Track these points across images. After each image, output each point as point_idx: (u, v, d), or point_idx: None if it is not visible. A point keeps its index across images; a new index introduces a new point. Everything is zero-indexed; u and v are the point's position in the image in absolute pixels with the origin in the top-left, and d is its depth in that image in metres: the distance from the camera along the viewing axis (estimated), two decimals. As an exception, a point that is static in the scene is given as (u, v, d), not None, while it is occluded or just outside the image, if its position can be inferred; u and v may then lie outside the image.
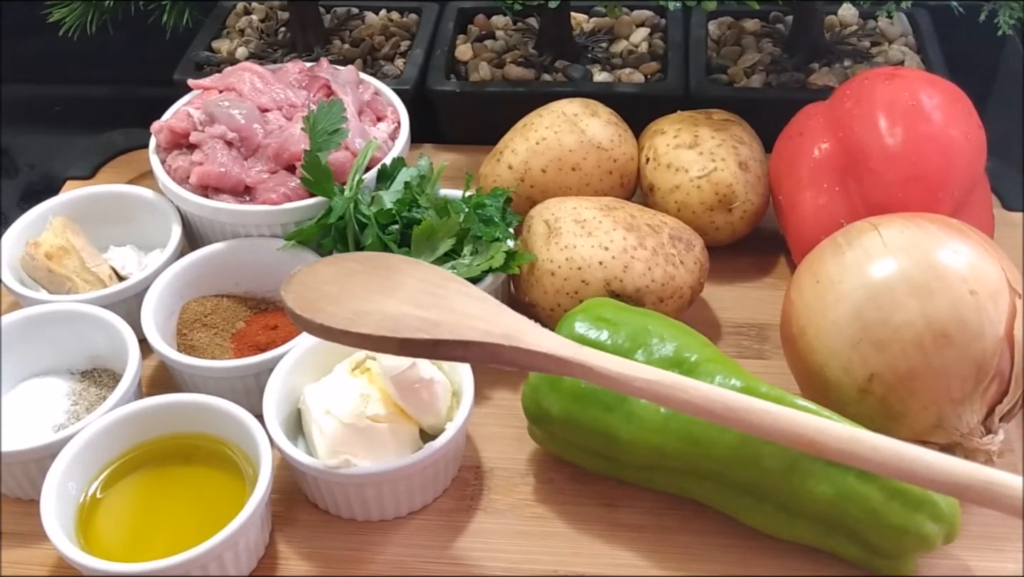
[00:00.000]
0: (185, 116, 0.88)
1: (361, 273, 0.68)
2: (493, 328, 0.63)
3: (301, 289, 0.65)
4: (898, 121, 0.79)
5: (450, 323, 0.63)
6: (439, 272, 0.69)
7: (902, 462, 0.59)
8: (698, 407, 0.61)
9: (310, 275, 0.67)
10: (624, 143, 0.90)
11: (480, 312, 0.64)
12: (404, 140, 0.91)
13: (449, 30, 1.09)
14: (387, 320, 0.63)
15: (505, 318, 0.64)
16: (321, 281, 0.67)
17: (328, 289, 0.66)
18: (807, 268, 0.73)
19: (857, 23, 1.09)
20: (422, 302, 0.65)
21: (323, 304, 0.64)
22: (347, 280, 0.67)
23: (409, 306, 0.64)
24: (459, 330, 0.62)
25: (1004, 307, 0.67)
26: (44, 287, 0.86)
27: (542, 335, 0.64)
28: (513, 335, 0.63)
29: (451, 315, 0.64)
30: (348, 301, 0.64)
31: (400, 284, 0.66)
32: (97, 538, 0.69)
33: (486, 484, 0.76)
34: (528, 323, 0.64)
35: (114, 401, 0.74)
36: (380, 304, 0.64)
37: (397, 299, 0.65)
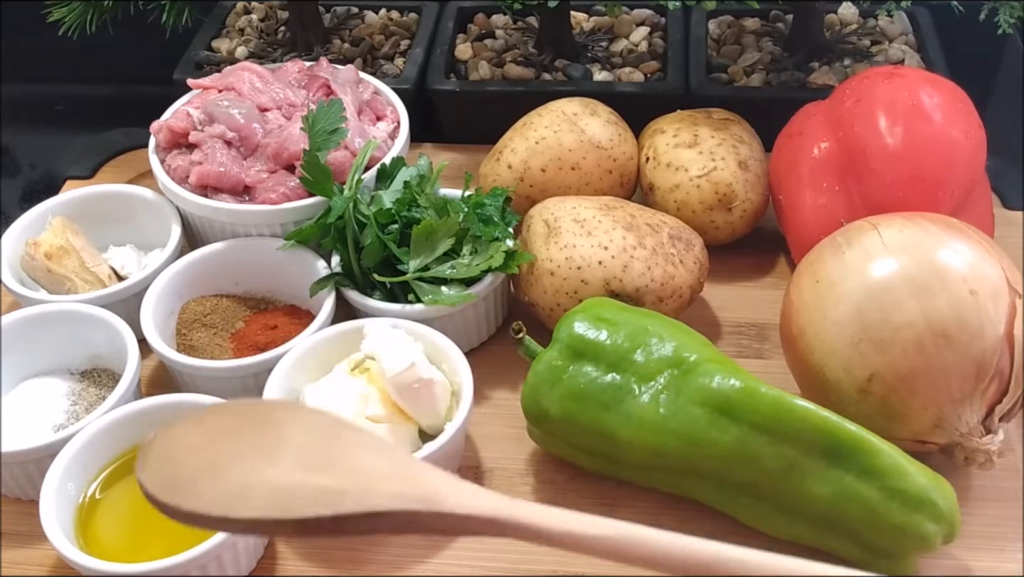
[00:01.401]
0: (184, 116, 0.88)
1: (233, 431, 0.56)
2: (408, 489, 0.52)
3: (161, 465, 0.54)
4: (898, 120, 0.79)
5: (355, 489, 0.52)
6: (327, 417, 0.58)
7: None
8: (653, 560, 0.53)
9: (171, 443, 0.55)
10: (624, 142, 0.90)
11: (388, 469, 0.54)
12: (404, 139, 0.91)
13: (449, 29, 1.09)
14: (277, 495, 0.52)
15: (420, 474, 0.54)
16: (185, 449, 0.55)
17: (195, 460, 0.54)
18: (807, 268, 0.73)
19: (857, 22, 1.09)
20: (315, 462, 0.54)
21: (192, 482, 0.53)
22: (217, 444, 0.55)
23: (301, 471, 0.53)
24: (367, 497, 0.52)
25: (1004, 307, 0.67)
26: (44, 287, 0.86)
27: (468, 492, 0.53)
28: (432, 497, 0.52)
29: (354, 477, 0.53)
30: (223, 474, 0.53)
31: (284, 439, 0.55)
32: (96, 538, 0.69)
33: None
34: (449, 478, 0.54)
35: (113, 401, 0.74)
36: (264, 472, 0.53)
37: (285, 463, 0.54)
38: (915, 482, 0.65)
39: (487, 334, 0.85)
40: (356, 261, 0.81)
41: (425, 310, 0.79)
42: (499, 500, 0.54)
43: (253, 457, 0.54)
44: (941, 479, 0.66)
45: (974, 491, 0.73)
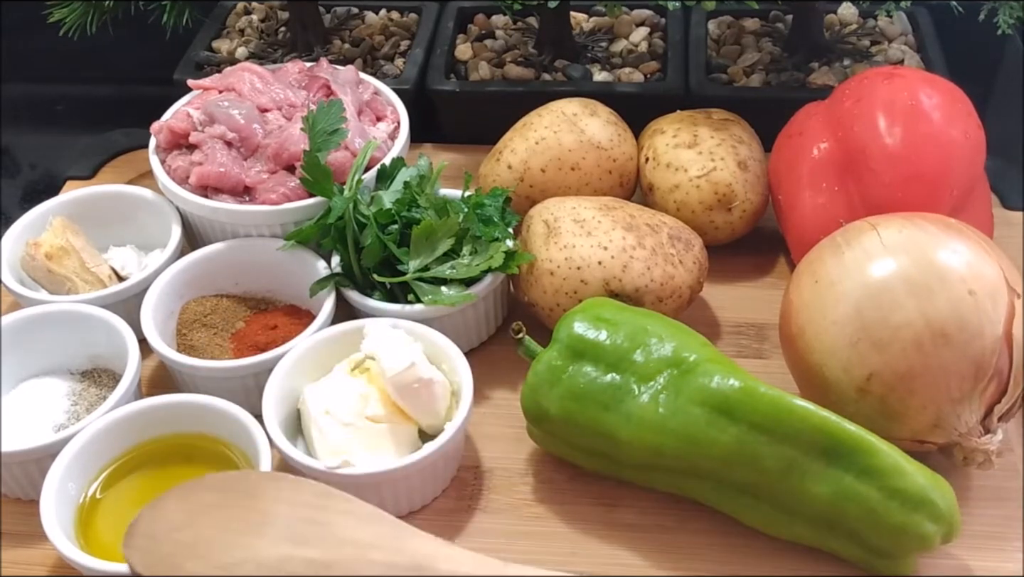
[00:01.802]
0: (185, 116, 0.89)
1: (217, 507, 0.56)
2: (397, 558, 0.53)
3: (146, 543, 0.54)
4: (897, 120, 0.79)
5: (343, 560, 0.52)
6: (310, 487, 0.57)
7: None
8: None
9: (155, 522, 0.55)
10: (623, 143, 0.90)
11: (376, 537, 0.54)
12: (403, 140, 0.91)
13: (449, 30, 1.09)
14: (264, 569, 0.52)
15: (409, 541, 0.54)
16: (169, 528, 0.55)
17: (180, 538, 0.54)
18: (806, 268, 0.73)
19: (857, 22, 1.09)
20: (302, 534, 0.54)
21: (178, 560, 0.53)
22: (202, 520, 0.55)
23: (288, 544, 0.53)
24: (356, 568, 0.52)
25: (1002, 307, 0.67)
26: (44, 287, 0.86)
27: (457, 558, 0.54)
28: (423, 564, 0.53)
29: (341, 548, 0.53)
30: (209, 550, 0.53)
31: (269, 513, 0.55)
32: (97, 538, 0.69)
33: (485, 484, 0.76)
34: (437, 542, 0.54)
35: (114, 401, 0.74)
36: (250, 547, 0.53)
37: (270, 536, 0.54)
38: (914, 482, 0.65)
39: (487, 334, 0.85)
40: (356, 261, 0.81)
41: (425, 310, 0.79)
42: (492, 564, 0.54)
43: (238, 532, 0.54)
44: (940, 479, 0.66)
45: (973, 491, 0.73)
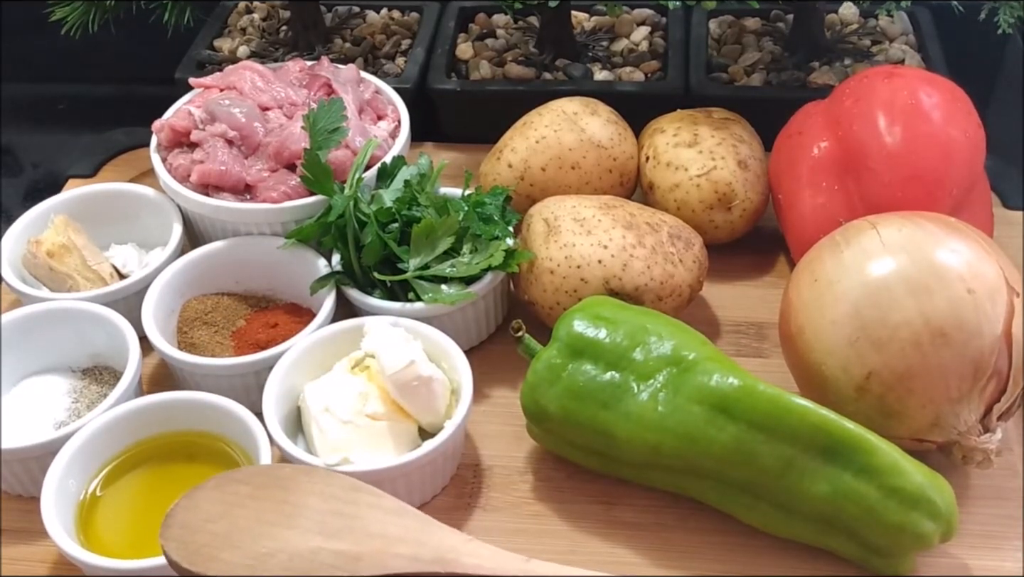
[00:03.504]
0: (186, 115, 0.89)
1: (251, 499, 0.59)
2: (421, 551, 0.55)
3: (183, 533, 0.56)
4: (897, 120, 0.79)
5: (370, 553, 0.55)
6: (340, 480, 0.60)
7: None
8: None
9: (191, 512, 0.58)
10: (624, 141, 0.90)
11: (402, 531, 0.56)
12: (404, 139, 0.92)
13: (450, 29, 1.10)
14: (295, 560, 0.55)
15: (433, 534, 0.56)
16: (205, 519, 0.58)
17: (215, 529, 0.57)
18: (805, 267, 0.73)
19: (858, 22, 1.09)
20: (332, 527, 0.56)
21: (213, 550, 0.55)
22: (236, 512, 0.58)
23: (319, 536, 0.56)
24: (382, 560, 0.55)
25: (1002, 306, 0.67)
26: (45, 285, 0.86)
27: (481, 551, 0.56)
28: (446, 557, 0.55)
29: (370, 541, 0.55)
30: (243, 541, 0.56)
31: (301, 506, 0.58)
32: (97, 535, 0.70)
33: (485, 482, 0.76)
34: (461, 537, 0.57)
35: (114, 399, 0.74)
36: (283, 539, 0.56)
37: (301, 528, 0.56)
38: (913, 480, 0.65)
39: (487, 332, 0.85)
40: (356, 260, 0.81)
41: (425, 308, 0.79)
42: (513, 559, 0.56)
43: (271, 523, 0.56)
44: (939, 477, 0.66)
45: (972, 490, 0.73)
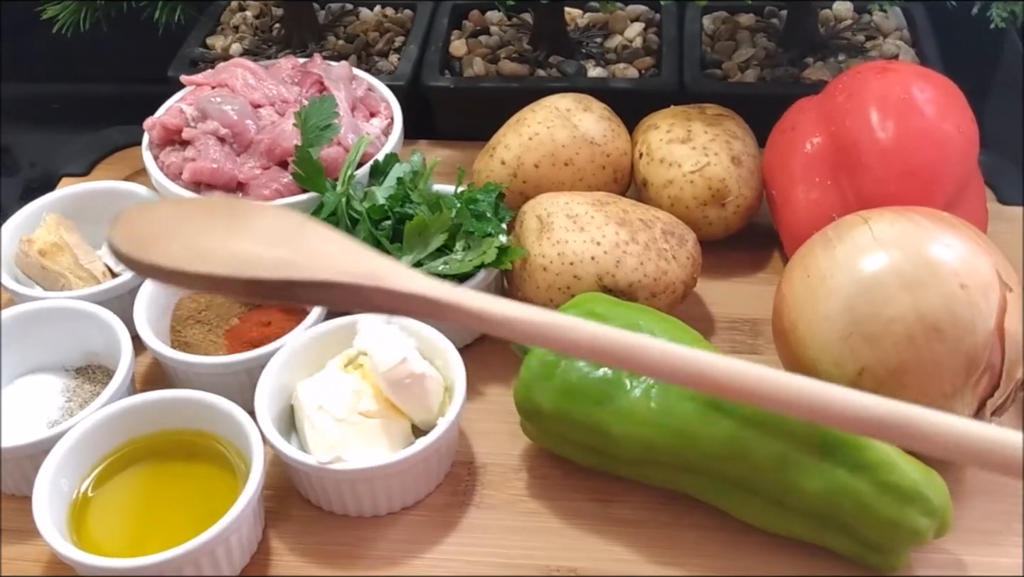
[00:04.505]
0: (178, 112, 0.89)
1: (206, 213, 0.60)
2: (356, 268, 0.56)
3: (130, 227, 0.57)
4: (890, 115, 0.79)
5: (308, 263, 0.56)
6: (297, 214, 0.61)
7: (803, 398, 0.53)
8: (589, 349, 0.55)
9: (143, 213, 0.59)
10: (617, 138, 0.90)
11: (343, 253, 0.57)
12: (397, 136, 0.91)
13: (443, 26, 1.09)
14: (233, 258, 0.55)
15: (372, 259, 0.57)
16: (156, 220, 0.59)
17: (165, 228, 0.58)
18: (798, 263, 0.73)
19: (852, 17, 1.09)
20: (277, 242, 0.57)
21: (156, 243, 0.56)
22: (188, 220, 0.59)
23: (261, 245, 0.57)
24: (318, 270, 0.55)
25: (995, 301, 0.67)
26: (38, 284, 0.86)
27: (411, 276, 0.57)
28: (379, 275, 0.56)
29: (310, 255, 0.57)
30: (188, 239, 0.57)
31: (252, 223, 0.59)
32: (90, 534, 0.69)
33: (479, 480, 0.76)
34: (397, 265, 0.58)
35: (107, 397, 0.74)
36: (226, 242, 0.57)
37: (247, 237, 0.57)
38: (907, 476, 0.65)
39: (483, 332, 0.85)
40: (349, 257, 0.81)
41: (418, 306, 0.79)
42: (439, 284, 0.56)
43: (218, 231, 0.58)
44: (933, 473, 0.66)
45: (966, 485, 0.73)
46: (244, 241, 0.57)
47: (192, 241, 0.57)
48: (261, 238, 0.58)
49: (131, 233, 0.57)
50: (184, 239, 0.57)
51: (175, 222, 0.59)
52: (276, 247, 0.57)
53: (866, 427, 0.53)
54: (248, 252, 0.56)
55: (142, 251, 0.55)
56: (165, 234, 0.57)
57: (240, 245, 0.57)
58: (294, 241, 0.58)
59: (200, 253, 0.56)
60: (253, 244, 0.57)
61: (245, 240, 0.57)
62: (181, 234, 0.57)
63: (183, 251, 0.56)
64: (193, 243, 0.57)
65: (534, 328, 0.55)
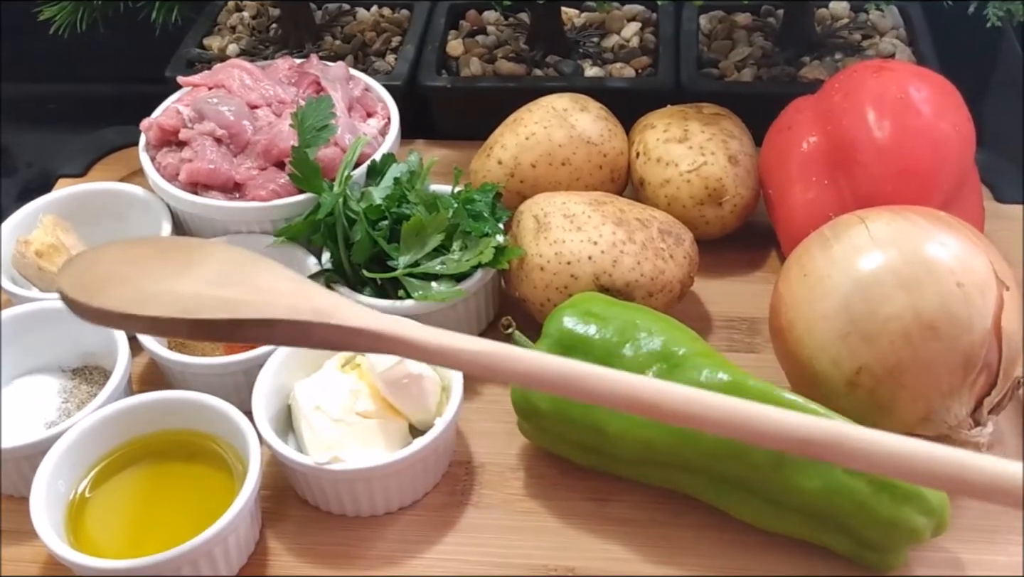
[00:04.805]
0: (174, 113, 0.89)
1: (155, 256, 0.61)
2: (301, 304, 0.57)
3: (78, 272, 0.58)
4: (886, 114, 0.79)
5: (253, 302, 0.57)
6: (247, 254, 0.62)
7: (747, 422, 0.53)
8: (528, 377, 0.55)
9: (93, 257, 0.61)
10: (614, 137, 0.90)
11: (290, 290, 0.58)
12: (394, 136, 0.91)
13: (440, 26, 1.09)
14: (179, 301, 0.56)
15: (317, 295, 0.58)
16: (105, 263, 0.60)
17: (113, 271, 0.59)
18: (795, 262, 0.73)
19: (848, 16, 1.09)
20: (223, 282, 0.58)
21: (104, 286, 0.57)
22: (137, 262, 0.61)
23: (206, 286, 0.58)
24: (263, 309, 0.56)
25: (992, 299, 0.67)
26: (35, 285, 0.86)
27: (356, 311, 0.57)
28: (324, 311, 0.57)
29: (255, 294, 0.58)
30: (135, 282, 0.58)
31: (199, 264, 0.60)
32: (87, 535, 0.69)
33: (476, 479, 0.76)
34: (343, 300, 0.59)
35: (103, 398, 0.74)
36: (173, 284, 0.58)
37: (193, 278, 0.58)
38: (904, 475, 0.65)
39: (477, 330, 0.85)
40: (346, 257, 0.81)
41: (415, 306, 0.79)
42: (386, 318, 0.57)
43: (164, 273, 0.59)
44: (930, 472, 0.66)
45: (964, 484, 0.73)
46: (191, 283, 0.58)
47: (139, 284, 0.58)
48: (208, 279, 0.58)
49: (79, 277, 0.57)
50: (132, 282, 0.58)
51: (123, 265, 0.60)
52: (222, 287, 0.58)
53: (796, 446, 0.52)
54: (195, 293, 0.57)
55: (89, 296, 0.56)
56: (114, 277, 0.58)
57: (187, 287, 0.58)
58: (242, 280, 0.59)
59: (147, 296, 0.57)
60: (199, 285, 0.58)
61: (193, 281, 0.58)
62: (129, 277, 0.58)
63: (130, 295, 0.57)
64: (140, 286, 0.58)
65: (473, 357, 0.56)
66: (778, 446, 0.53)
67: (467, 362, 0.56)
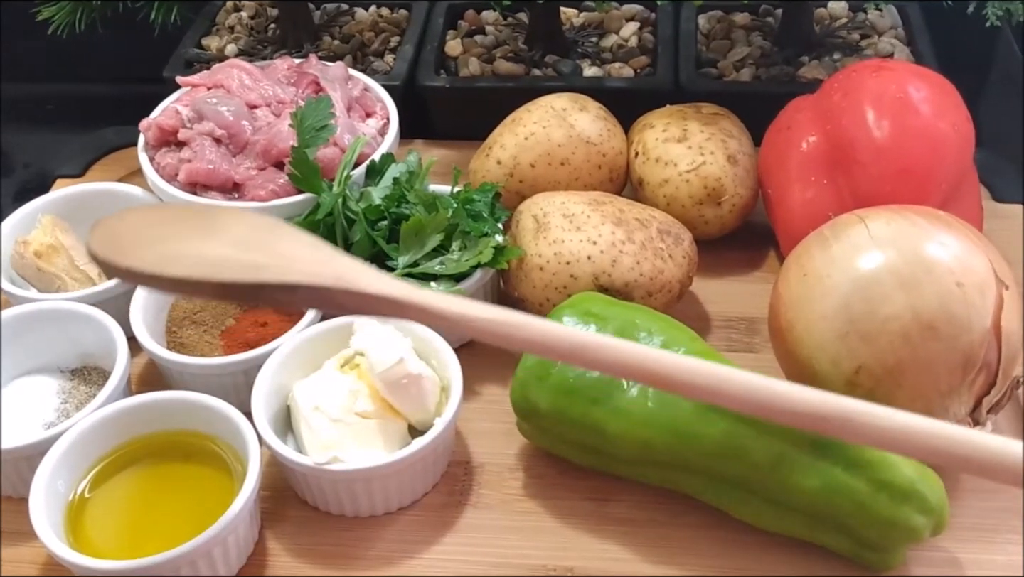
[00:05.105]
0: (173, 113, 0.88)
1: (181, 220, 0.63)
2: (323, 270, 0.58)
3: (108, 233, 0.59)
4: (885, 114, 0.79)
5: (276, 266, 0.58)
6: (270, 219, 0.64)
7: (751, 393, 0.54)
8: (541, 345, 0.57)
9: (121, 220, 0.62)
10: (613, 137, 0.90)
11: (313, 256, 0.60)
12: (393, 136, 0.91)
13: (439, 26, 1.09)
14: (204, 263, 0.57)
15: (338, 261, 0.59)
16: (133, 226, 0.61)
17: (141, 233, 0.60)
18: (794, 261, 0.73)
19: (847, 16, 1.09)
20: (248, 246, 0.60)
21: (133, 248, 0.58)
22: (164, 225, 0.62)
23: (231, 249, 0.59)
24: (285, 273, 0.57)
25: (991, 299, 0.67)
26: (34, 285, 0.86)
27: (376, 277, 0.58)
28: (344, 276, 0.58)
29: (278, 259, 0.59)
30: (163, 244, 0.59)
31: (224, 228, 0.61)
32: (86, 536, 0.69)
33: (475, 479, 0.76)
34: (363, 266, 0.59)
35: (102, 399, 0.74)
36: (199, 247, 0.59)
37: (219, 242, 0.60)
38: (903, 474, 0.65)
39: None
40: (345, 257, 0.81)
41: (415, 306, 0.79)
42: (403, 285, 0.58)
43: (190, 235, 0.60)
44: (929, 471, 0.66)
45: (963, 483, 0.73)
46: (217, 245, 0.59)
47: (167, 246, 0.59)
48: (233, 242, 0.60)
49: (108, 238, 0.59)
50: (159, 244, 0.59)
51: (151, 228, 0.61)
52: (247, 251, 0.59)
53: (811, 422, 0.54)
54: (220, 256, 0.58)
55: (119, 255, 0.57)
56: (141, 239, 0.59)
57: (213, 249, 0.59)
58: (265, 245, 0.60)
59: (174, 257, 0.58)
60: (225, 248, 0.59)
61: (218, 244, 0.59)
62: (156, 239, 0.60)
63: (158, 255, 0.58)
64: (168, 248, 0.59)
65: (488, 325, 0.57)
66: (794, 422, 0.54)
67: (483, 329, 0.57)
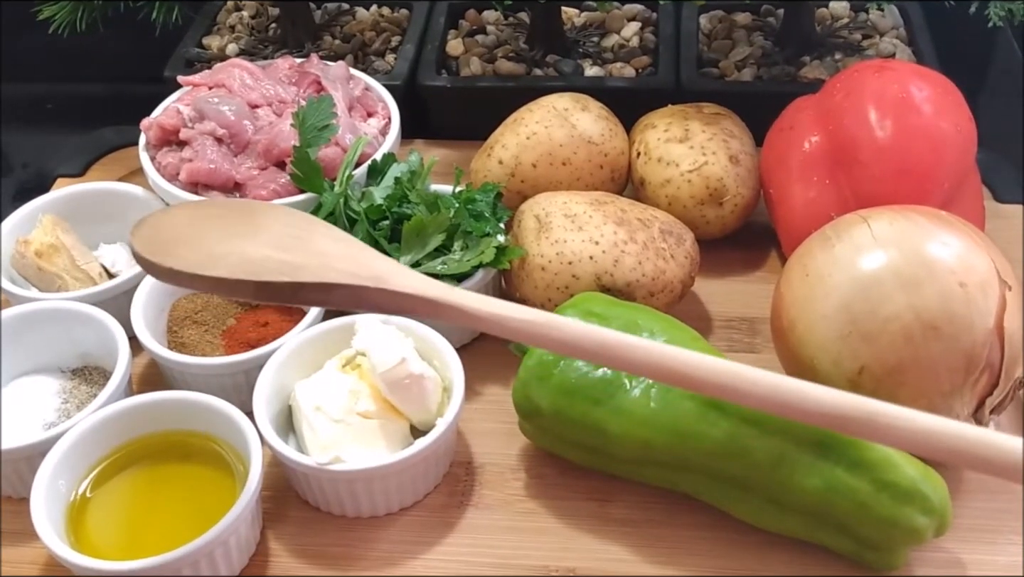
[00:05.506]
0: (175, 113, 0.88)
1: (220, 218, 0.64)
2: (359, 270, 0.59)
3: (150, 232, 0.61)
4: (888, 113, 0.79)
5: (313, 266, 0.59)
6: (305, 216, 0.65)
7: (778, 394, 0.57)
8: (570, 345, 0.59)
9: (162, 219, 0.63)
10: (615, 137, 0.90)
11: (346, 255, 0.61)
12: (394, 136, 0.91)
13: (440, 25, 1.09)
14: (244, 263, 0.59)
15: (373, 261, 0.61)
16: (174, 225, 0.63)
17: (181, 232, 0.62)
18: (796, 261, 0.73)
19: (848, 16, 1.09)
20: (285, 245, 0.61)
21: (174, 247, 0.60)
22: (204, 224, 0.63)
23: (270, 249, 0.61)
24: (323, 273, 0.59)
25: (993, 299, 0.67)
26: (34, 285, 0.86)
27: (411, 277, 0.60)
28: (381, 277, 0.59)
29: (315, 258, 0.60)
30: (203, 244, 0.61)
31: (263, 227, 0.63)
32: (87, 536, 0.69)
33: (477, 480, 0.76)
34: (398, 266, 0.61)
35: (104, 399, 0.74)
36: (238, 247, 0.60)
37: (258, 241, 0.61)
38: (905, 474, 0.65)
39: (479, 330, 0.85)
40: (347, 257, 0.81)
41: (416, 306, 0.79)
42: (440, 286, 0.60)
43: (232, 235, 0.61)
44: (932, 471, 0.66)
45: (965, 484, 0.73)
46: (257, 245, 0.61)
47: (207, 246, 0.60)
48: (272, 242, 0.61)
49: (151, 238, 0.60)
50: (200, 244, 0.60)
51: (192, 227, 0.62)
52: (285, 251, 0.60)
53: (825, 420, 0.56)
54: (260, 256, 0.60)
55: (161, 255, 0.59)
56: (182, 239, 0.61)
57: (253, 249, 0.60)
58: (302, 244, 0.61)
59: (214, 258, 0.59)
60: (264, 248, 0.60)
61: (257, 244, 0.61)
62: (197, 239, 0.61)
63: (198, 256, 0.59)
64: (208, 248, 0.60)
65: (521, 325, 0.59)
66: (815, 421, 0.56)
67: (516, 329, 0.59)
